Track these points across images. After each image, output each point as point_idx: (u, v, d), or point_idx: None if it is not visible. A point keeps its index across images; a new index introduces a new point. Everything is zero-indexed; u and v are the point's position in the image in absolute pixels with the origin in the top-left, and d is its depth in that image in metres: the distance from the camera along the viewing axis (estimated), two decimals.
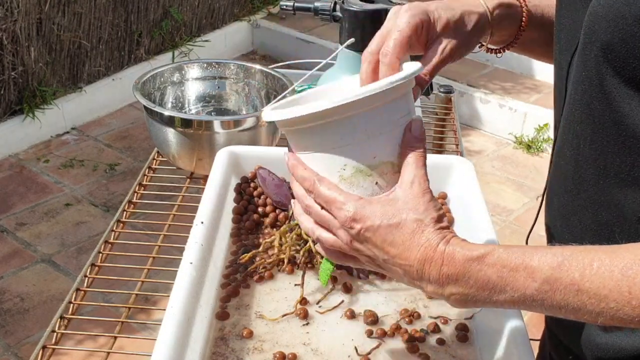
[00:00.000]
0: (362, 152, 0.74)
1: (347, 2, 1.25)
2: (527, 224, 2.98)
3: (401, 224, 0.70)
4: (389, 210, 0.71)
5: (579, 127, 0.74)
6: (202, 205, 1.01)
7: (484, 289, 0.68)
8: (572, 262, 0.65)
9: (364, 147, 0.74)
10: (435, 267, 0.68)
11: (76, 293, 1.08)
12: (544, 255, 0.66)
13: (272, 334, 0.90)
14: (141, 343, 1.08)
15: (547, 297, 0.65)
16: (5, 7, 3.10)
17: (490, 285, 0.67)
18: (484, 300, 0.68)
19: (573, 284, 0.64)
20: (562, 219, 0.82)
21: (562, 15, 0.80)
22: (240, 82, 1.49)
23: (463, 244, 0.69)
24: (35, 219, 2.94)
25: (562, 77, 0.79)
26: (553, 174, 0.83)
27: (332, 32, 4.06)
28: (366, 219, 0.71)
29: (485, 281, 0.67)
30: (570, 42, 0.77)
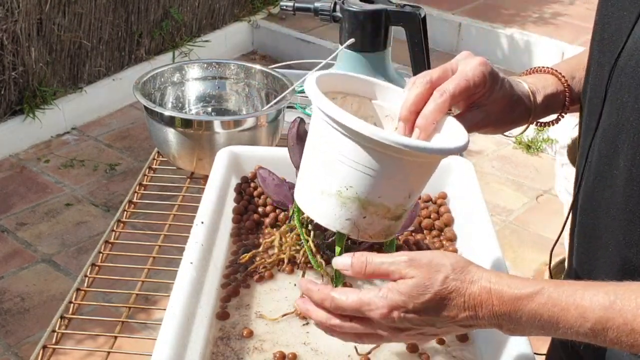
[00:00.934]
0: (373, 186, 0.74)
1: (347, 2, 1.26)
2: (527, 224, 2.98)
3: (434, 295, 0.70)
4: (413, 290, 0.70)
5: (638, 136, 0.72)
6: (202, 205, 1.01)
7: (536, 326, 0.69)
8: (624, 301, 0.66)
9: (379, 183, 0.74)
10: (488, 308, 0.69)
11: (76, 293, 1.08)
12: (596, 295, 0.67)
13: (272, 333, 0.90)
14: (141, 343, 1.08)
15: (600, 335, 0.67)
16: (6, 7, 3.10)
17: (542, 323, 0.68)
18: (538, 333, 0.69)
19: (626, 324, 0.65)
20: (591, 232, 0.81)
21: (605, 16, 0.79)
22: (240, 82, 1.50)
23: (509, 280, 0.70)
24: (35, 219, 2.94)
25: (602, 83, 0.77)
26: (592, 184, 0.81)
27: (332, 32, 4.06)
28: (399, 306, 0.70)
29: (537, 319, 0.68)
30: (614, 46, 0.75)
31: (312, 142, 0.79)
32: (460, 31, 4.13)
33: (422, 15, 1.26)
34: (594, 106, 0.80)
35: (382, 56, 1.28)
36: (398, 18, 1.25)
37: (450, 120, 0.81)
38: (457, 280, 0.70)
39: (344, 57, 1.29)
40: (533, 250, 2.81)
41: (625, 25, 0.74)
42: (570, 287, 0.68)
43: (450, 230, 1.08)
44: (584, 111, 0.85)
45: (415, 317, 0.70)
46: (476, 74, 0.80)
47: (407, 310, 0.70)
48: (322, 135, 0.76)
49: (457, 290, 0.69)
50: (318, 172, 0.78)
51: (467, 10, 4.28)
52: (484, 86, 0.82)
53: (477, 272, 0.70)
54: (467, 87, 0.80)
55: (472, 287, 0.69)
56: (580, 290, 0.67)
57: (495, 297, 0.69)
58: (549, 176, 3.25)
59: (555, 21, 4.21)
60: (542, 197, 3.16)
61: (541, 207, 3.09)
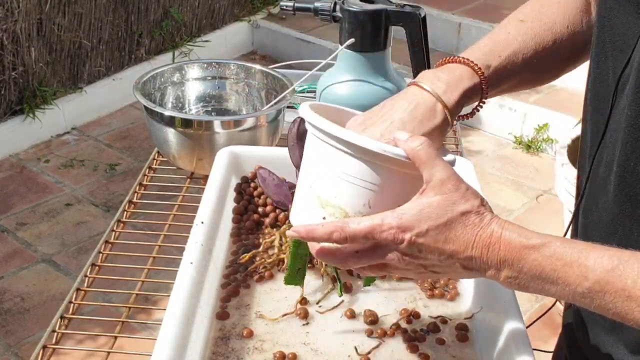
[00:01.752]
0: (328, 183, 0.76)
1: (347, 2, 1.25)
2: (527, 224, 2.96)
3: (450, 221, 0.70)
4: (432, 211, 0.70)
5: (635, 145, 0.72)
6: (202, 205, 1.01)
7: (536, 277, 0.69)
8: (627, 267, 0.65)
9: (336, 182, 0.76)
10: (494, 252, 0.70)
11: (76, 293, 1.08)
12: (601, 257, 0.67)
13: (272, 333, 0.90)
14: (141, 343, 1.08)
15: (597, 298, 0.66)
16: (6, 7, 3.10)
17: (543, 276, 0.68)
18: (535, 287, 0.70)
19: (624, 290, 0.65)
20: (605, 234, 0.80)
21: (605, 18, 0.78)
22: (240, 82, 1.49)
23: (520, 230, 0.71)
24: (35, 219, 2.94)
25: (610, 87, 0.77)
26: (595, 189, 0.81)
27: (332, 32, 4.06)
28: (412, 227, 0.70)
29: (538, 271, 0.68)
30: (620, 52, 0.75)
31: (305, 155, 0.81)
32: (460, 31, 4.13)
33: (422, 15, 1.25)
34: (599, 111, 0.80)
35: (382, 56, 1.28)
36: (398, 18, 1.25)
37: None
38: (476, 218, 0.70)
39: (343, 57, 1.29)
40: None
41: (632, 32, 0.73)
42: (578, 245, 0.68)
43: None
44: (587, 115, 0.84)
45: (424, 243, 0.70)
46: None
47: (419, 232, 0.70)
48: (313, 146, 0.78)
49: (472, 226, 0.70)
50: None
51: (467, 10, 4.28)
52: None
53: (495, 217, 0.71)
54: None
55: (486, 228, 0.70)
56: (586, 249, 0.68)
57: (504, 242, 0.69)
58: (549, 176, 3.25)
59: None
60: (542, 197, 3.16)
61: (541, 207, 3.09)
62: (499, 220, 0.71)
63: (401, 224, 0.70)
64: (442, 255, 0.70)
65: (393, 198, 0.75)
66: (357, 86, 1.28)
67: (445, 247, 0.70)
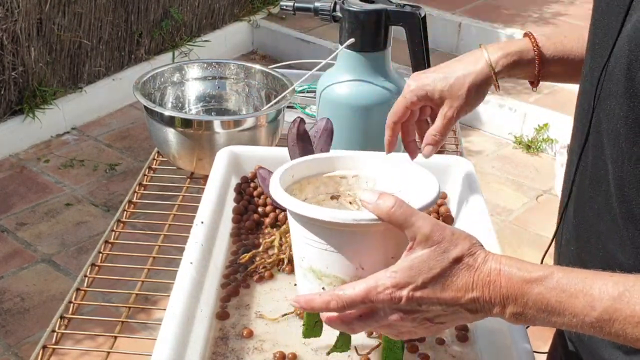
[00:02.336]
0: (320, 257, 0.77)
1: (347, 2, 1.25)
2: (527, 224, 2.98)
3: (445, 269, 0.69)
4: (423, 264, 0.70)
5: (625, 144, 0.72)
6: (202, 205, 1.01)
7: (542, 311, 0.68)
8: (633, 293, 0.65)
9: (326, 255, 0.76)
10: (495, 289, 0.69)
11: (76, 293, 1.08)
12: (605, 284, 0.66)
13: (272, 333, 0.90)
14: (141, 343, 1.08)
15: (606, 326, 0.66)
16: (6, 7, 3.10)
17: (549, 309, 0.68)
18: (542, 320, 0.69)
19: (633, 316, 0.65)
20: (586, 232, 0.81)
21: (597, 21, 0.80)
22: (240, 82, 1.50)
23: (519, 264, 0.69)
24: (35, 219, 2.94)
25: (593, 88, 0.78)
26: (587, 187, 0.81)
27: (332, 32, 4.06)
28: (408, 282, 0.69)
29: (544, 304, 0.68)
30: (603, 52, 0.76)
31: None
32: (460, 31, 4.13)
33: (422, 15, 1.25)
34: (584, 111, 0.80)
35: (382, 56, 1.28)
36: (398, 18, 1.25)
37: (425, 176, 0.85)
38: (469, 259, 0.69)
39: (343, 57, 1.29)
40: (533, 250, 2.81)
41: (612, 32, 0.74)
42: (580, 274, 0.68)
43: None
44: (576, 114, 0.85)
45: (423, 296, 0.69)
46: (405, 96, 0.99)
47: (415, 286, 0.69)
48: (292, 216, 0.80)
49: (468, 268, 0.69)
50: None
51: (468, 10, 4.28)
52: (422, 99, 0.98)
53: (490, 254, 0.70)
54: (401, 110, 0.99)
55: (482, 267, 0.69)
56: (590, 278, 0.67)
57: (504, 279, 0.69)
58: (549, 176, 3.25)
59: (556, 21, 4.21)
60: (542, 197, 3.16)
61: (541, 207, 3.09)
62: (494, 256, 0.70)
63: (396, 282, 0.69)
64: (444, 304, 0.70)
65: (383, 252, 0.76)
66: (357, 86, 1.28)
67: (444, 295, 0.69)
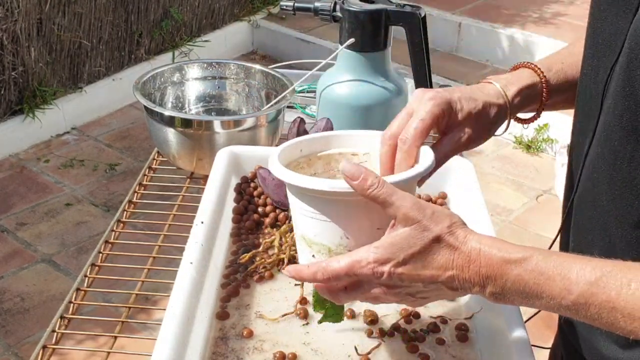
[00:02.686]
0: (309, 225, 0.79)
1: (347, 2, 1.25)
2: (527, 224, 2.98)
3: (425, 247, 0.71)
4: (404, 242, 0.71)
5: (618, 143, 0.74)
6: (202, 205, 1.01)
7: (520, 292, 0.69)
8: (609, 279, 0.66)
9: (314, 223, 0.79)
10: (475, 269, 0.70)
11: (76, 293, 1.08)
12: (583, 269, 0.67)
13: (272, 333, 0.90)
14: (141, 343, 1.08)
15: (582, 309, 0.67)
16: (6, 7, 3.10)
17: (527, 290, 0.69)
18: (520, 302, 0.70)
19: (608, 301, 0.65)
20: (585, 231, 0.81)
21: (598, 20, 0.79)
22: (240, 82, 1.49)
23: (500, 244, 0.70)
24: (35, 219, 2.94)
25: (599, 87, 0.78)
26: (585, 184, 0.82)
27: (332, 32, 4.06)
28: (389, 259, 0.71)
29: (522, 285, 0.69)
30: (610, 51, 0.76)
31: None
32: (460, 31, 4.13)
33: (422, 15, 1.25)
34: (590, 110, 0.80)
35: (382, 56, 1.28)
36: (398, 18, 1.25)
37: (424, 150, 0.85)
38: (449, 237, 0.70)
39: (344, 57, 1.29)
40: None
41: (620, 31, 0.74)
42: (559, 258, 0.69)
43: None
44: (578, 114, 0.85)
45: (404, 272, 0.71)
46: (432, 110, 0.83)
47: (397, 262, 0.71)
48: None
49: (447, 248, 0.70)
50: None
51: (468, 10, 4.28)
52: (444, 115, 0.85)
53: (471, 234, 0.71)
54: (428, 126, 0.83)
55: (463, 246, 0.70)
56: (568, 262, 0.68)
57: (484, 258, 0.69)
58: (549, 176, 3.25)
59: (556, 21, 4.21)
60: (542, 197, 3.16)
61: (541, 207, 3.09)
62: (475, 235, 0.71)
63: (377, 258, 0.71)
64: (424, 281, 0.71)
65: (368, 223, 0.77)
66: (357, 86, 1.28)
67: (424, 273, 0.71)
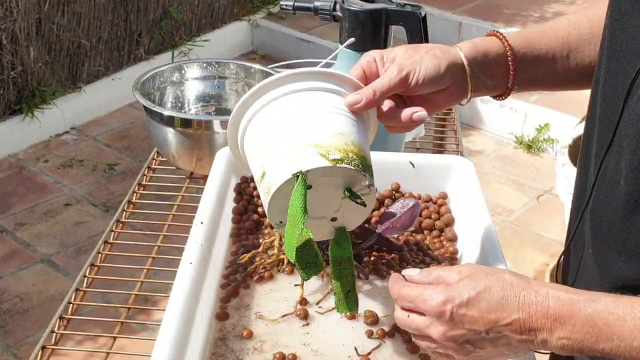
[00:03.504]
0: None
1: (347, 1, 1.25)
2: (528, 224, 2.98)
3: (488, 287, 0.70)
4: (470, 282, 0.71)
5: None
6: (202, 205, 1.01)
7: (590, 334, 0.67)
8: None
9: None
10: (542, 311, 0.68)
11: (75, 293, 1.08)
12: None
13: (272, 334, 0.90)
14: (141, 343, 1.08)
15: None
16: (5, 6, 3.10)
17: (597, 331, 0.67)
18: (591, 347, 0.68)
19: None
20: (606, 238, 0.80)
21: (618, 22, 0.77)
22: (240, 82, 1.49)
23: (566, 288, 0.69)
24: (34, 219, 2.93)
25: (618, 90, 0.77)
26: (605, 191, 0.80)
27: (332, 32, 4.05)
28: (454, 297, 0.70)
29: (591, 326, 0.67)
30: (632, 54, 0.75)
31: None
32: (460, 30, 4.13)
33: (422, 14, 1.25)
34: (608, 114, 0.78)
35: None
36: (398, 17, 1.25)
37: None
38: (514, 280, 0.70)
39: (344, 56, 1.28)
40: (533, 250, 2.80)
41: None
42: (629, 299, 0.67)
43: (450, 230, 1.07)
44: (593, 117, 0.83)
45: (467, 315, 0.70)
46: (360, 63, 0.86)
47: (460, 302, 0.70)
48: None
49: (513, 289, 0.69)
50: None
51: (468, 9, 4.28)
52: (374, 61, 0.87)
53: (534, 281, 0.71)
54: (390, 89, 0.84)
55: (528, 289, 0.69)
56: (638, 303, 0.67)
57: (552, 299, 0.68)
58: (550, 176, 3.24)
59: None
60: (542, 197, 3.16)
61: (542, 207, 3.09)
62: (540, 282, 0.70)
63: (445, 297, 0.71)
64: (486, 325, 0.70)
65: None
66: None
67: (488, 317, 0.70)
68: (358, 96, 0.83)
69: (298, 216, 0.78)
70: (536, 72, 0.92)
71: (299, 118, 0.81)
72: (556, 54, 0.91)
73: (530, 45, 0.91)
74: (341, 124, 0.81)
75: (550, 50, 0.91)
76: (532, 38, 0.91)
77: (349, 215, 0.85)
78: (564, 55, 0.92)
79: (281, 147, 0.79)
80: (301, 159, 0.78)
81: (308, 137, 0.79)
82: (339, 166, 0.78)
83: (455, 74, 0.87)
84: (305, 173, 0.78)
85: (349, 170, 0.79)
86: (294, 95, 0.82)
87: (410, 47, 0.88)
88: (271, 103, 0.82)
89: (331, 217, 0.86)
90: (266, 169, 0.81)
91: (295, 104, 0.82)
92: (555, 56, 0.91)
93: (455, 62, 0.87)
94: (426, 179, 1.12)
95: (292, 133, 0.80)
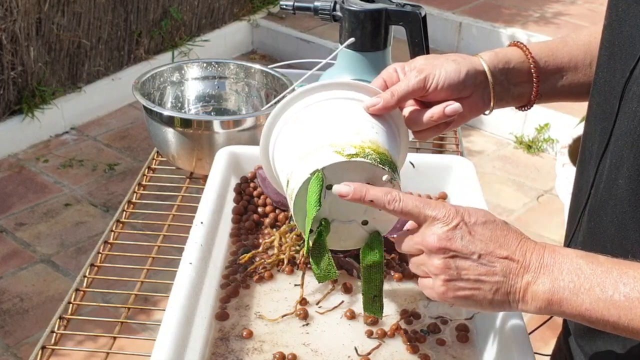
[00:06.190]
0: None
1: (347, 1, 1.25)
2: (528, 224, 2.98)
3: (497, 223, 0.73)
4: (481, 211, 0.73)
5: None
6: (202, 205, 1.01)
7: (574, 283, 0.68)
8: None
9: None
10: (537, 257, 0.70)
11: (75, 293, 1.08)
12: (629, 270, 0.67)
13: (272, 334, 0.90)
14: (141, 343, 1.08)
15: (635, 307, 0.66)
16: (5, 6, 3.10)
17: (581, 280, 0.68)
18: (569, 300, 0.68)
19: None
20: (600, 239, 0.81)
21: (616, 22, 0.78)
22: (240, 82, 1.49)
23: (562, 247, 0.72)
24: (34, 219, 2.93)
25: (615, 90, 0.77)
26: (601, 190, 0.81)
27: (332, 32, 4.05)
28: (464, 215, 0.72)
29: (577, 274, 0.68)
30: (628, 54, 0.75)
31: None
32: (460, 30, 4.13)
33: (422, 14, 1.25)
34: (606, 113, 0.79)
35: (382, 55, 1.28)
36: (398, 17, 1.25)
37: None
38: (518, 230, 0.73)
39: (344, 56, 1.28)
40: None
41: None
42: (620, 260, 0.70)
43: None
44: (592, 118, 0.84)
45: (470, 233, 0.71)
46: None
47: (468, 221, 0.72)
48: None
49: (516, 234, 0.72)
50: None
51: (468, 9, 4.28)
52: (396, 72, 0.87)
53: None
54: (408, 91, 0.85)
55: (529, 239, 0.72)
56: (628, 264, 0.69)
57: (548, 250, 0.71)
58: (550, 176, 3.24)
59: (557, 21, 4.20)
60: (542, 197, 3.16)
61: (542, 207, 3.09)
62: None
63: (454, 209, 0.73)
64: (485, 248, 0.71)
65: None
66: None
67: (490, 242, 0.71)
68: (376, 98, 0.84)
69: (311, 209, 0.79)
70: (559, 81, 0.92)
71: (317, 125, 0.83)
72: (578, 62, 0.92)
73: (552, 54, 0.92)
74: (358, 125, 0.82)
75: (573, 59, 0.92)
76: (554, 47, 0.92)
77: (378, 215, 0.83)
78: (587, 63, 0.92)
79: (301, 154, 0.81)
80: (317, 158, 0.79)
81: (324, 138, 0.80)
82: (354, 160, 0.78)
83: (476, 81, 0.87)
84: (321, 170, 0.78)
85: (365, 164, 0.78)
86: (313, 106, 0.85)
87: (432, 55, 0.89)
88: (292, 119, 0.86)
89: (362, 221, 0.84)
90: (290, 177, 0.82)
91: (314, 114, 0.84)
92: (577, 65, 0.92)
93: (476, 69, 0.87)
94: (426, 179, 1.12)
95: (310, 139, 0.81)
